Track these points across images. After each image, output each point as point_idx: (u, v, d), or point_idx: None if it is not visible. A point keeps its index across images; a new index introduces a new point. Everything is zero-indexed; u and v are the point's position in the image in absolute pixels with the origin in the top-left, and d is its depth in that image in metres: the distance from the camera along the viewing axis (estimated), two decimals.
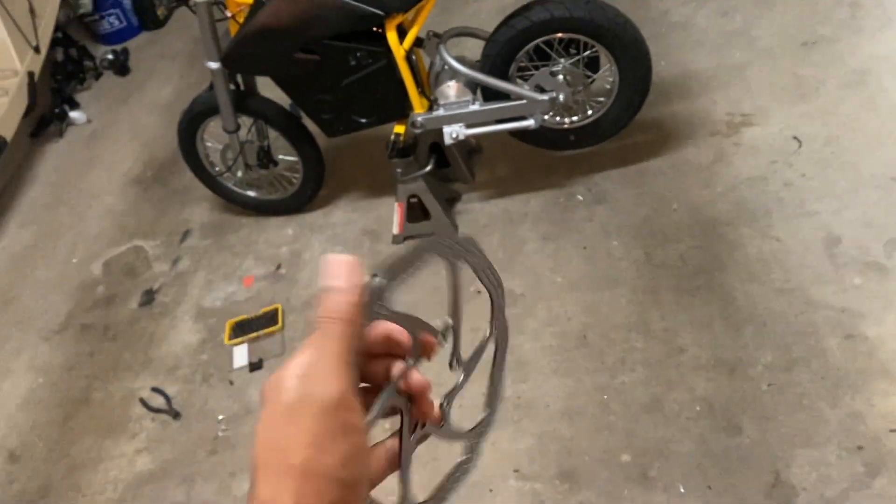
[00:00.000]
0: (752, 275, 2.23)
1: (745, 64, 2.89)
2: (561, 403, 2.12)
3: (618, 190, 2.64)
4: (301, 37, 2.36)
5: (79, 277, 3.15)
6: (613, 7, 2.32)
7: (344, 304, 0.46)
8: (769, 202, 2.39)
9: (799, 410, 1.90)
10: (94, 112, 4.18)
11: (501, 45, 2.37)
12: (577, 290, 2.38)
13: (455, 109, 2.47)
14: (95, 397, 2.64)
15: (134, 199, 3.46)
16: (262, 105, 2.71)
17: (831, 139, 2.49)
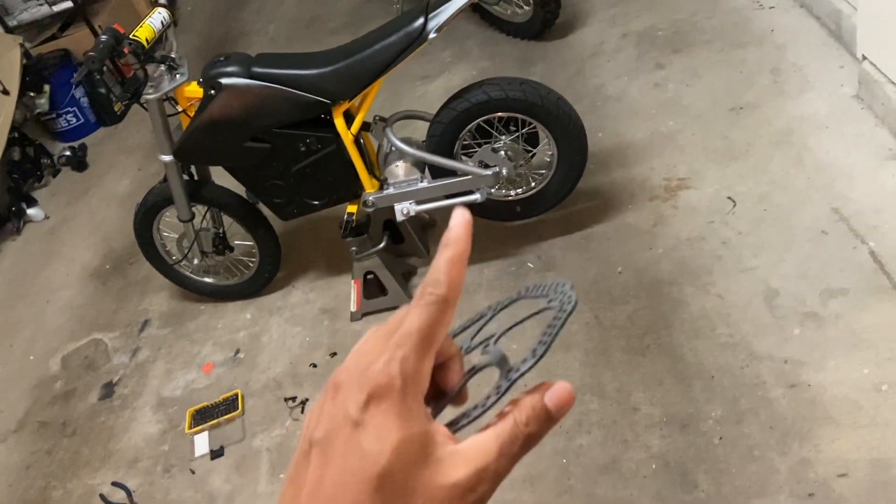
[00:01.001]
0: (698, 331, 2.30)
1: (678, 131, 3.04)
2: (522, 470, 2.14)
3: (566, 256, 2.73)
4: (251, 127, 2.45)
5: (36, 374, 3.12)
6: (546, 87, 2.46)
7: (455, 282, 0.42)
8: (709, 260, 2.49)
9: (751, 461, 1.95)
10: (51, 208, 4.21)
11: (445, 126, 2.49)
12: (572, 350, 2.43)
13: (405, 188, 2.56)
14: (54, 496, 2.59)
15: (93, 291, 3.47)
16: (216, 193, 2.78)
17: (763, 197, 2.62)
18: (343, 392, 0.40)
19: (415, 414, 0.39)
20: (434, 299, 0.41)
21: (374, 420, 0.38)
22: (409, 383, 0.40)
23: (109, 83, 4.80)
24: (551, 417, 0.43)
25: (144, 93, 2.44)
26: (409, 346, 0.40)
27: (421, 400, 0.40)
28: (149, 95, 2.44)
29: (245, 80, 2.38)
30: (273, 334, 2.87)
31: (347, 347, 2.76)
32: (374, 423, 0.38)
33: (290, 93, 2.38)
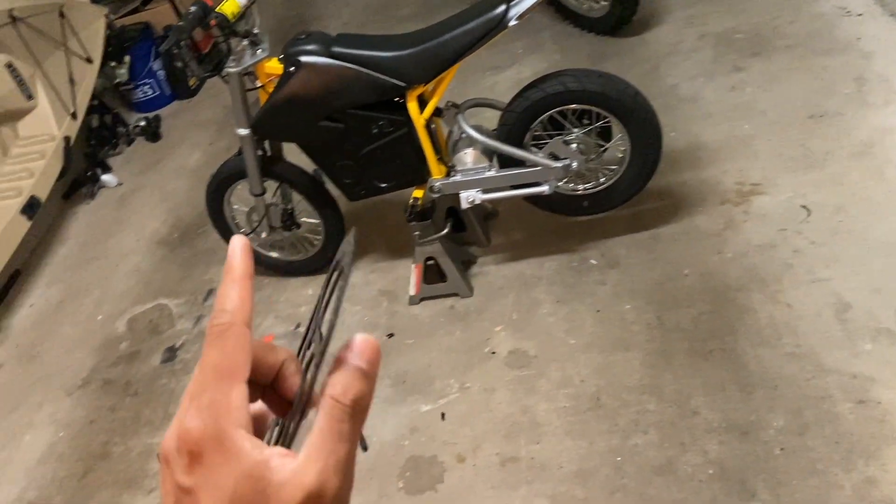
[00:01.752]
0: (764, 339, 2.26)
1: (753, 136, 2.98)
2: (574, 465, 2.13)
3: (630, 255, 2.70)
4: (327, 106, 2.49)
5: (103, 334, 3.23)
6: (625, 80, 2.43)
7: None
8: (779, 268, 2.44)
9: (813, 475, 1.91)
10: (124, 176, 4.35)
11: (518, 115, 2.48)
12: (590, 353, 2.42)
13: (472, 175, 2.57)
14: (114, 452, 2.68)
15: (160, 258, 3.57)
16: (288, 170, 2.83)
17: (839, 208, 2.55)
18: (171, 462, 0.39)
19: (238, 452, 0.37)
20: (220, 329, 0.40)
21: (202, 479, 0.37)
22: (222, 424, 0.38)
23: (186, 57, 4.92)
24: (367, 375, 0.41)
25: (226, 66, 2.49)
26: (209, 387, 0.39)
27: (243, 434, 0.38)
28: (230, 69, 2.49)
29: (324, 59, 2.41)
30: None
31: (404, 330, 2.80)
32: (202, 482, 0.37)
33: (368, 74, 2.41)
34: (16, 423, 2.93)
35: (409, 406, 2.45)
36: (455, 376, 2.50)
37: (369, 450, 2.37)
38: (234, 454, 0.37)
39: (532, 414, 2.30)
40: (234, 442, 0.37)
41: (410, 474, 2.26)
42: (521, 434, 2.26)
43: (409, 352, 2.63)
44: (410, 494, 2.21)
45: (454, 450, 2.29)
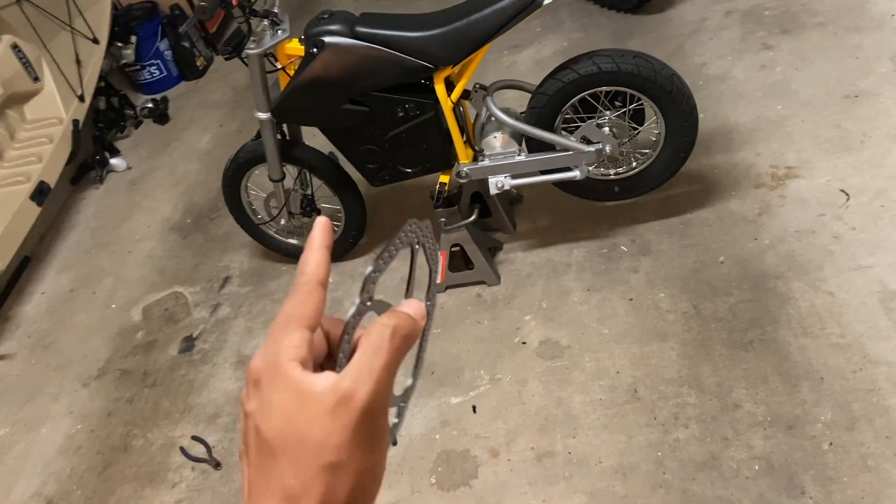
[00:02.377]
0: (806, 329, 2.19)
1: (786, 116, 2.89)
2: (613, 460, 2.07)
3: (662, 241, 2.63)
4: (351, 89, 2.40)
5: (118, 323, 3.16)
6: (661, 61, 2.34)
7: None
8: (819, 255, 2.37)
9: (864, 472, 1.85)
10: (133, 159, 4.26)
11: (549, 98, 2.39)
12: (624, 343, 2.35)
13: (501, 160, 2.48)
14: (135, 445, 2.62)
15: (173, 245, 3.49)
16: (307, 154, 2.74)
17: (880, 192, 2.47)
18: (243, 396, 0.46)
19: (286, 376, 0.42)
20: (296, 286, 0.47)
21: (257, 402, 0.43)
22: (279, 358, 0.43)
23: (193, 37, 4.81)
24: (412, 318, 0.48)
25: (246, 47, 2.39)
26: (276, 330, 0.44)
27: (294, 364, 0.43)
28: (251, 50, 2.39)
29: (348, 39, 2.32)
30: (355, 300, 2.83)
31: (431, 318, 2.71)
32: (257, 405, 0.43)
33: (394, 55, 2.31)
34: (32, 415, 2.86)
35: (439, 398, 2.39)
36: (485, 367, 2.43)
37: (399, 444, 2.31)
38: (282, 378, 0.43)
39: (567, 406, 2.24)
40: (285, 370, 0.43)
41: (443, 469, 2.20)
42: (556, 427, 2.20)
43: (436, 342, 2.57)
44: (443, 490, 2.16)
45: (487, 444, 2.23)
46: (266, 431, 0.42)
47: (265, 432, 0.42)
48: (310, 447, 0.41)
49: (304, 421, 0.41)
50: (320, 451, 0.41)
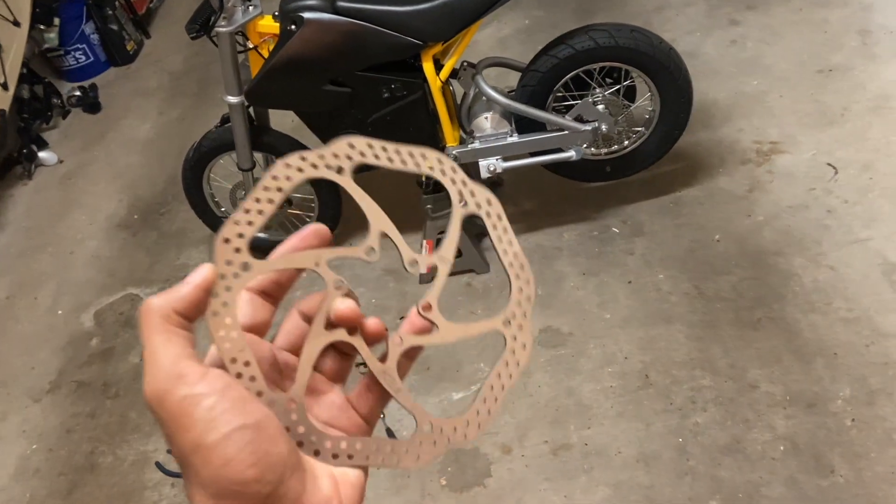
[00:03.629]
0: (813, 305, 2.17)
1: (763, 92, 2.88)
2: (633, 449, 2.00)
3: (654, 221, 2.57)
4: (332, 68, 2.23)
5: (67, 330, 2.89)
6: (658, 35, 2.27)
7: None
8: (816, 230, 2.36)
9: (891, 446, 1.84)
10: (65, 152, 3.92)
11: (542, 75, 2.29)
12: (629, 327, 2.28)
13: (492, 142, 2.37)
14: (102, 463, 2.39)
15: (122, 243, 3.22)
16: (278, 140, 2.55)
17: (867, 165, 2.48)
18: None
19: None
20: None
21: None
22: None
23: (121, 19, 4.48)
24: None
25: (216, 25, 2.19)
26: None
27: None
28: (221, 28, 2.19)
29: (329, 15, 2.15)
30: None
31: None
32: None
33: (379, 31, 2.16)
34: None
35: (439, 395, 2.26)
36: (485, 360, 2.32)
37: None
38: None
39: (577, 396, 2.15)
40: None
41: (453, 469, 2.09)
42: (569, 419, 2.11)
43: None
44: (456, 492, 2.04)
45: (498, 440, 2.12)
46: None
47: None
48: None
49: None
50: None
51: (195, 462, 0.36)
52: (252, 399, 0.39)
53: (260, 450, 0.37)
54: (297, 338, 0.45)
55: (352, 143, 0.47)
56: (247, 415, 0.37)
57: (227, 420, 0.36)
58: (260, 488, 0.36)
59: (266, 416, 0.38)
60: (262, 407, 0.39)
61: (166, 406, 0.36)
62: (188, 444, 0.36)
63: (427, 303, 0.47)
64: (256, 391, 0.40)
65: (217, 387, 0.37)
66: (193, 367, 0.37)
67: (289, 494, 0.38)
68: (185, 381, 0.37)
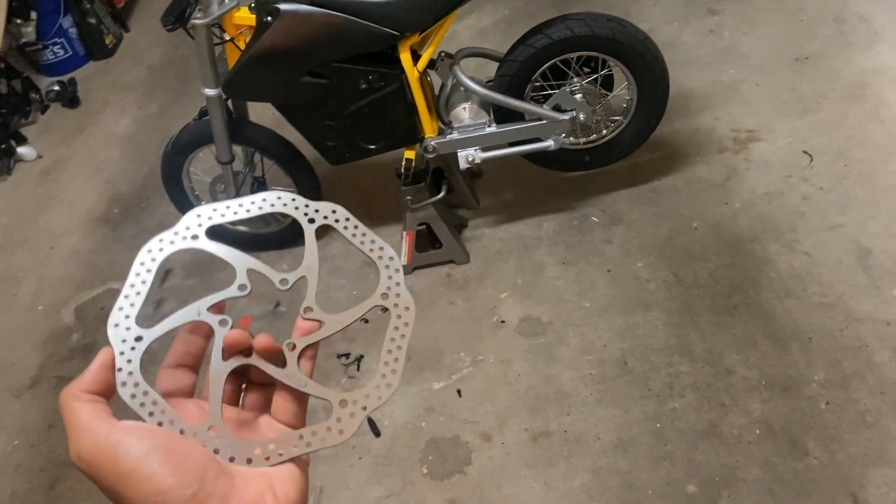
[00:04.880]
0: (789, 290, 2.20)
1: (740, 80, 2.90)
2: (612, 435, 2.02)
3: (633, 210, 2.59)
4: (310, 60, 2.22)
5: (48, 326, 2.88)
6: (634, 24, 2.28)
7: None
8: (791, 217, 2.38)
9: (864, 428, 1.86)
10: (44, 147, 3.89)
11: (519, 65, 2.29)
12: (608, 315, 2.30)
13: (471, 132, 2.37)
14: None
15: (102, 238, 3.21)
16: (257, 133, 2.55)
17: (842, 152, 2.51)
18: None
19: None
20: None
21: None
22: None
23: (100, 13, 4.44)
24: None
25: (192, 17, 2.17)
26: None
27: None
28: (197, 21, 2.18)
29: (306, 6, 2.14)
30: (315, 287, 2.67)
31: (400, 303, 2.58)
32: None
33: (356, 22, 2.15)
34: None
35: (420, 384, 2.27)
36: (465, 349, 2.33)
37: (383, 435, 2.19)
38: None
39: (557, 384, 2.17)
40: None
41: (434, 458, 2.10)
42: (548, 406, 2.13)
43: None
44: (437, 480, 2.06)
45: (477, 428, 2.14)
46: None
47: None
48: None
49: None
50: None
51: (124, 492, 0.41)
52: (162, 430, 0.45)
53: (174, 461, 0.42)
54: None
55: (198, 213, 0.56)
56: (157, 438, 0.43)
57: (139, 447, 0.42)
58: (182, 492, 0.41)
59: (176, 436, 0.45)
60: (171, 432, 0.45)
61: (88, 459, 0.42)
62: (114, 479, 0.41)
63: (307, 307, 0.54)
64: (179, 430, 0.46)
65: (129, 427, 0.43)
66: (105, 421, 0.43)
67: (216, 492, 0.43)
68: (99, 432, 0.42)
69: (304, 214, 0.56)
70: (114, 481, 0.42)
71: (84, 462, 0.43)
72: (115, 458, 0.42)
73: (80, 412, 0.44)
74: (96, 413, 0.44)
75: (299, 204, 0.56)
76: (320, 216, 0.57)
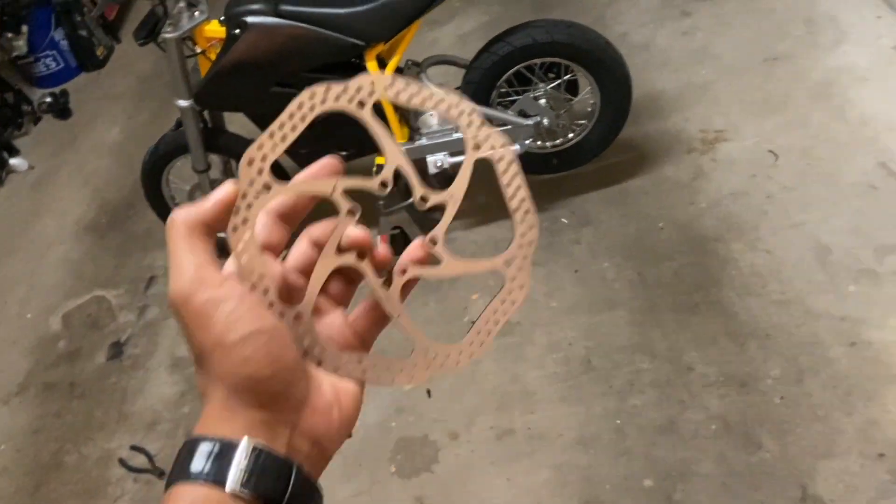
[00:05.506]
0: (749, 288, 2.24)
1: (711, 82, 2.94)
2: (574, 432, 2.07)
3: (602, 211, 2.64)
4: (278, 71, 2.29)
5: (36, 333, 2.95)
6: (594, 30, 2.34)
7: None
8: (754, 215, 2.42)
9: (815, 421, 1.91)
10: (36, 158, 3.97)
11: (484, 72, 2.35)
12: (574, 315, 2.35)
13: (438, 138, 2.43)
14: (68, 461, 2.46)
15: (90, 246, 3.28)
16: (233, 142, 2.61)
17: (806, 151, 2.55)
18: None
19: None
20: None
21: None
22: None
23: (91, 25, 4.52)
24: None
25: (163, 31, 2.24)
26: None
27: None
28: (167, 34, 2.24)
29: (272, 18, 2.21)
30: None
31: None
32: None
33: (322, 33, 2.22)
34: None
35: None
36: None
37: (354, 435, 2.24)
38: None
39: (523, 383, 2.22)
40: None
41: (402, 457, 2.15)
42: (514, 405, 2.18)
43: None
44: (405, 478, 2.11)
45: (445, 427, 2.19)
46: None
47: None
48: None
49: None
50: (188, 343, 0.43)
51: (215, 358, 0.41)
52: (265, 308, 0.43)
53: (273, 353, 0.41)
54: (305, 261, 0.48)
55: (373, 79, 0.47)
56: (262, 321, 0.42)
57: (245, 323, 0.41)
58: (272, 386, 0.41)
59: (278, 324, 0.43)
60: (275, 318, 0.43)
61: (189, 307, 0.41)
62: (209, 342, 0.40)
63: (434, 236, 0.50)
64: (268, 302, 0.44)
65: (236, 293, 0.41)
66: (214, 274, 0.42)
67: (295, 395, 0.43)
68: (207, 286, 0.41)
69: (473, 137, 0.49)
70: (205, 343, 0.41)
71: (179, 311, 0.41)
72: (214, 324, 0.40)
73: (187, 254, 0.42)
74: (205, 260, 0.42)
75: (473, 122, 0.48)
76: (488, 146, 0.49)
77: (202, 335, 0.41)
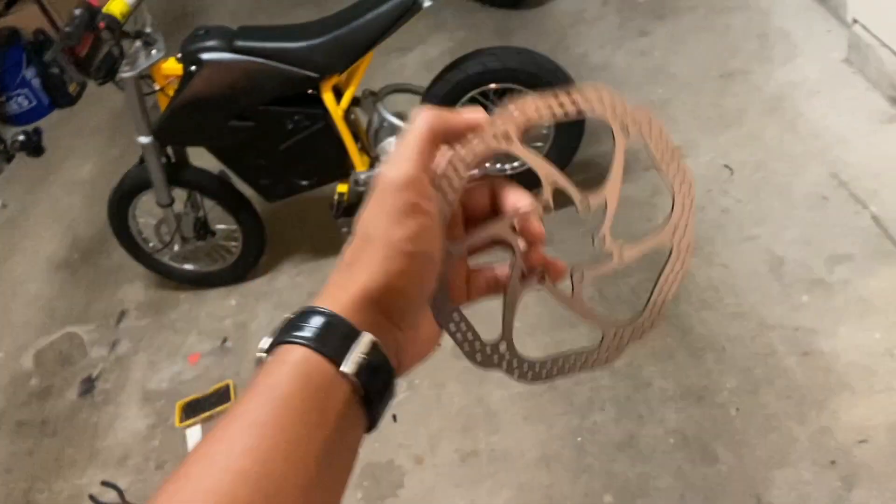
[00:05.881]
0: (705, 302, 2.27)
1: (668, 99, 3.00)
2: (536, 451, 2.09)
3: (561, 230, 2.63)
4: (235, 105, 2.33)
5: (8, 372, 2.96)
6: (544, 55, 2.39)
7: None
8: (710, 230, 2.46)
9: (770, 432, 1.93)
10: (8, 196, 4.00)
11: (439, 99, 2.39)
12: (536, 334, 2.38)
13: None
14: (39, 499, 2.46)
15: (62, 283, 3.30)
16: (196, 175, 2.64)
17: (760, 164, 2.60)
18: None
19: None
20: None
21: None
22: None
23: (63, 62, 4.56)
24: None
25: (120, 71, 2.28)
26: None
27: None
28: (125, 74, 2.28)
29: (228, 54, 2.25)
30: (262, 321, 2.76)
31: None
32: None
33: (276, 67, 2.26)
34: None
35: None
36: None
37: None
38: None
39: (487, 404, 2.24)
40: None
41: (368, 483, 2.17)
42: (478, 426, 2.20)
43: None
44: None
45: (411, 451, 2.21)
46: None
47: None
48: (359, 224, 0.46)
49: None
50: (362, 224, 0.46)
51: (377, 249, 0.45)
52: (441, 240, 0.48)
53: (426, 282, 0.48)
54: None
55: (508, 111, 0.51)
56: (436, 250, 0.47)
57: (423, 242, 0.46)
58: (406, 304, 0.47)
59: (443, 259, 0.49)
60: (443, 252, 0.48)
61: (394, 196, 0.45)
62: (384, 236, 0.45)
63: (603, 235, 0.55)
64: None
65: (434, 211, 0.47)
66: (427, 185, 0.47)
67: (413, 322, 0.49)
68: (418, 192, 0.46)
69: (621, 124, 0.52)
70: (381, 232, 0.45)
71: (383, 188, 0.45)
72: (402, 227, 0.45)
73: (416, 154, 0.46)
74: (426, 166, 0.47)
75: (618, 110, 0.52)
76: (635, 129, 0.53)
77: (385, 223, 0.45)
